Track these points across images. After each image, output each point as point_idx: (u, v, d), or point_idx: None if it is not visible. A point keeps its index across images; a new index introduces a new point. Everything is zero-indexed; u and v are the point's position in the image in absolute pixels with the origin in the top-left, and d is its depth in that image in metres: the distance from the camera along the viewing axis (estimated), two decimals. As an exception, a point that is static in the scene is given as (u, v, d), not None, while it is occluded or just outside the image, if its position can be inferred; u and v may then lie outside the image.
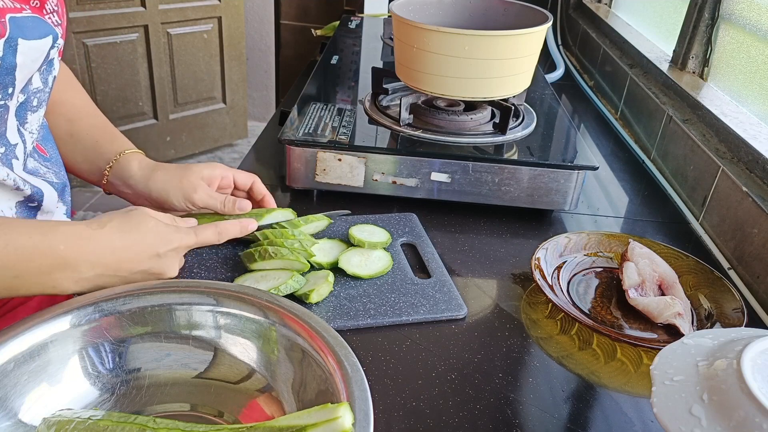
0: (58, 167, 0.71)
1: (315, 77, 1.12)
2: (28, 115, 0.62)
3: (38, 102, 0.63)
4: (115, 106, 2.61)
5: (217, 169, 0.75)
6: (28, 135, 0.63)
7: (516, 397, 0.57)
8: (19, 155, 0.62)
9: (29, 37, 0.55)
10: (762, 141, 0.86)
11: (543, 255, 0.74)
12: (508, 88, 0.89)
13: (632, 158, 1.12)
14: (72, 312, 0.51)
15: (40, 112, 0.64)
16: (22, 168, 0.63)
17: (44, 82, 0.63)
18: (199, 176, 0.73)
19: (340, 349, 0.48)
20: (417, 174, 0.85)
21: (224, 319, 0.54)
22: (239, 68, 2.98)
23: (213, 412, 0.52)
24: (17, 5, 0.55)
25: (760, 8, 0.98)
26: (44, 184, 0.66)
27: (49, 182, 0.67)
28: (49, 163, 0.69)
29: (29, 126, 0.63)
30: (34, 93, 0.62)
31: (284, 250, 0.68)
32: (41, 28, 0.57)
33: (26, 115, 0.62)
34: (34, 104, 0.62)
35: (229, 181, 0.76)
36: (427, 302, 0.67)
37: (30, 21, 0.56)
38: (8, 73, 0.55)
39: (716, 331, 0.48)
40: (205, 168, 0.74)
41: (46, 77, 0.62)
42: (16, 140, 0.61)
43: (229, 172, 0.76)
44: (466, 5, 1.00)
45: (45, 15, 0.58)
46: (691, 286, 0.72)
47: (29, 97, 0.61)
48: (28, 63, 0.57)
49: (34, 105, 0.62)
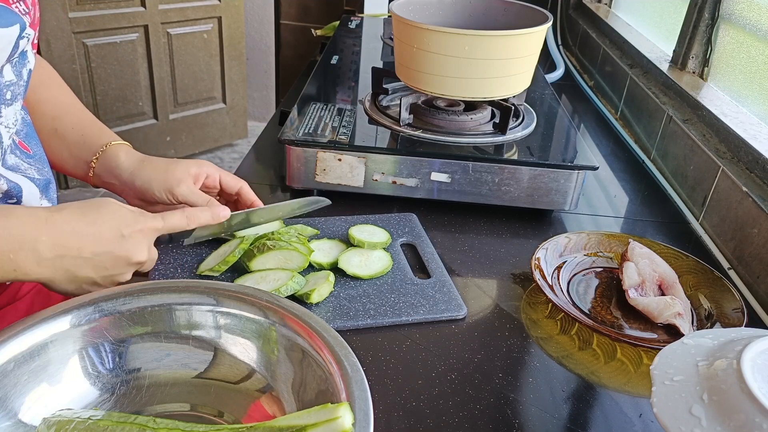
0: (41, 164, 0.70)
1: (315, 77, 1.12)
2: (2, 109, 0.61)
3: (12, 95, 0.61)
4: (115, 106, 2.61)
5: (204, 167, 0.74)
6: (4, 129, 0.62)
7: (516, 397, 0.57)
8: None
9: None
10: (762, 141, 0.86)
11: (543, 255, 0.74)
12: (508, 88, 0.89)
13: (632, 158, 1.12)
14: (72, 312, 0.51)
15: (15, 106, 0.63)
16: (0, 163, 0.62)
17: (18, 75, 0.61)
18: (185, 171, 0.72)
19: (340, 349, 0.48)
20: (417, 174, 0.85)
21: (224, 319, 0.54)
22: (239, 68, 2.98)
23: (213, 412, 0.52)
24: None
25: (760, 8, 0.98)
26: (24, 180, 0.66)
27: (30, 178, 0.67)
28: (32, 160, 0.68)
29: (4, 120, 0.62)
30: (6, 86, 0.60)
31: (282, 243, 0.68)
32: (6, 17, 0.55)
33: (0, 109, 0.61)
34: (8, 97, 0.61)
35: (215, 181, 0.75)
36: (426, 302, 0.67)
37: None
38: None
39: (716, 331, 0.48)
40: (193, 165, 0.73)
41: (19, 70, 0.61)
42: None
43: (216, 173, 0.75)
44: (466, 5, 1.00)
45: (12, 4, 0.57)
46: (691, 286, 0.72)
47: (2, 89, 0.60)
48: None
49: (8, 98, 0.61)
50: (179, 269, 0.70)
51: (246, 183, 0.77)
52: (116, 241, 0.58)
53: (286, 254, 0.68)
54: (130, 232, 0.59)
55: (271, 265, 0.68)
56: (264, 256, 0.68)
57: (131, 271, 0.61)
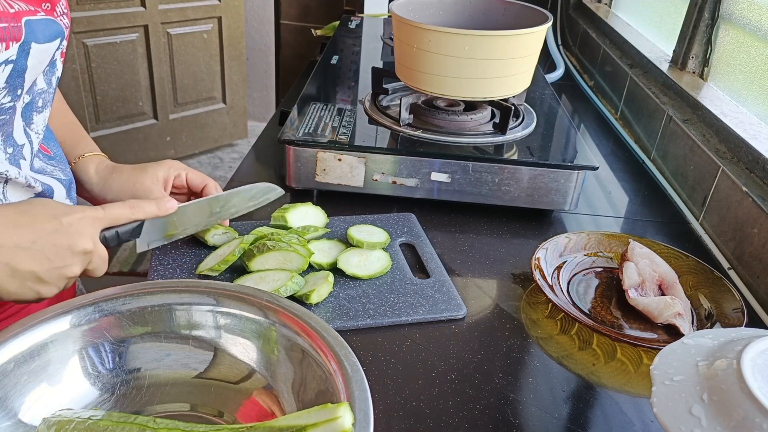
0: (63, 165, 0.71)
1: (315, 77, 1.12)
2: (33, 116, 0.62)
3: (43, 103, 0.63)
4: (115, 106, 2.61)
5: (172, 168, 0.73)
6: (35, 135, 0.63)
7: (516, 397, 0.57)
8: (26, 155, 0.62)
9: (41, 41, 0.55)
10: (762, 141, 0.86)
11: (543, 255, 0.74)
12: (508, 88, 0.89)
13: (632, 158, 1.12)
14: (72, 312, 0.51)
15: (45, 113, 0.64)
16: (29, 168, 0.63)
17: (48, 83, 0.63)
18: (153, 177, 0.71)
19: (340, 349, 0.48)
20: (417, 174, 0.85)
21: (224, 319, 0.54)
22: (239, 68, 2.98)
23: (213, 412, 0.52)
24: (31, 8, 0.55)
25: (760, 8, 0.98)
26: (53, 180, 0.67)
27: (57, 179, 0.68)
28: (54, 161, 0.69)
29: (35, 126, 0.63)
30: (39, 94, 0.62)
31: (283, 244, 0.68)
32: (52, 31, 0.57)
33: (32, 116, 0.62)
34: (39, 105, 0.62)
35: (182, 180, 0.74)
36: (426, 302, 0.67)
37: (43, 24, 0.56)
38: (18, 76, 0.55)
39: (716, 331, 0.48)
40: (161, 168, 0.72)
41: (50, 78, 0.63)
42: (23, 141, 0.61)
43: (183, 171, 0.74)
44: (466, 5, 1.00)
45: (57, 17, 0.59)
46: (691, 286, 0.72)
47: (34, 98, 0.61)
48: (37, 65, 0.57)
49: (39, 106, 0.62)
50: (178, 269, 0.70)
51: (213, 180, 0.75)
52: (54, 228, 0.55)
53: (285, 255, 0.68)
54: (69, 219, 0.55)
55: (271, 266, 0.68)
56: (264, 257, 0.68)
57: (79, 264, 0.57)
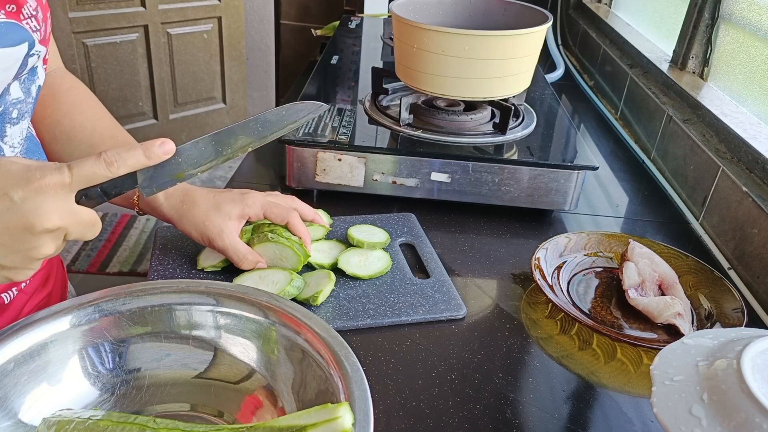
0: None
1: (315, 77, 1.12)
2: (7, 128, 0.58)
3: (19, 114, 0.58)
4: (115, 106, 2.61)
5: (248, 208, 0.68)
6: (9, 149, 0.59)
7: (516, 397, 0.57)
8: None
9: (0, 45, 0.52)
10: (762, 141, 0.86)
11: (543, 255, 0.74)
12: (508, 88, 0.89)
13: (632, 158, 1.12)
14: (72, 312, 0.51)
15: (22, 125, 0.59)
16: None
17: (26, 92, 0.59)
18: (226, 218, 0.67)
19: (340, 349, 0.48)
20: (417, 174, 0.85)
21: (224, 319, 0.54)
22: (239, 68, 2.98)
23: (213, 412, 0.52)
24: None
25: (760, 8, 0.98)
26: None
27: None
28: None
29: (9, 139, 0.59)
30: (12, 104, 0.57)
31: (282, 239, 0.68)
32: (16, 35, 0.53)
33: (5, 128, 0.58)
34: (14, 116, 0.58)
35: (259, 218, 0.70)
36: (426, 302, 0.67)
37: (3, 27, 0.52)
38: None
39: (716, 331, 0.48)
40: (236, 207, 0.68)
41: (28, 87, 0.59)
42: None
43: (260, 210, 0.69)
44: (466, 5, 1.00)
45: (22, 20, 0.55)
46: (691, 286, 0.72)
47: (7, 108, 0.57)
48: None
49: (14, 117, 0.58)
50: (178, 269, 0.70)
51: (295, 211, 0.70)
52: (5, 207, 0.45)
53: (282, 250, 0.68)
54: (22, 194, 0.45)
55: (266, 257, 0.69)
56: (262, 246, 0.68)
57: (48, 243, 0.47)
